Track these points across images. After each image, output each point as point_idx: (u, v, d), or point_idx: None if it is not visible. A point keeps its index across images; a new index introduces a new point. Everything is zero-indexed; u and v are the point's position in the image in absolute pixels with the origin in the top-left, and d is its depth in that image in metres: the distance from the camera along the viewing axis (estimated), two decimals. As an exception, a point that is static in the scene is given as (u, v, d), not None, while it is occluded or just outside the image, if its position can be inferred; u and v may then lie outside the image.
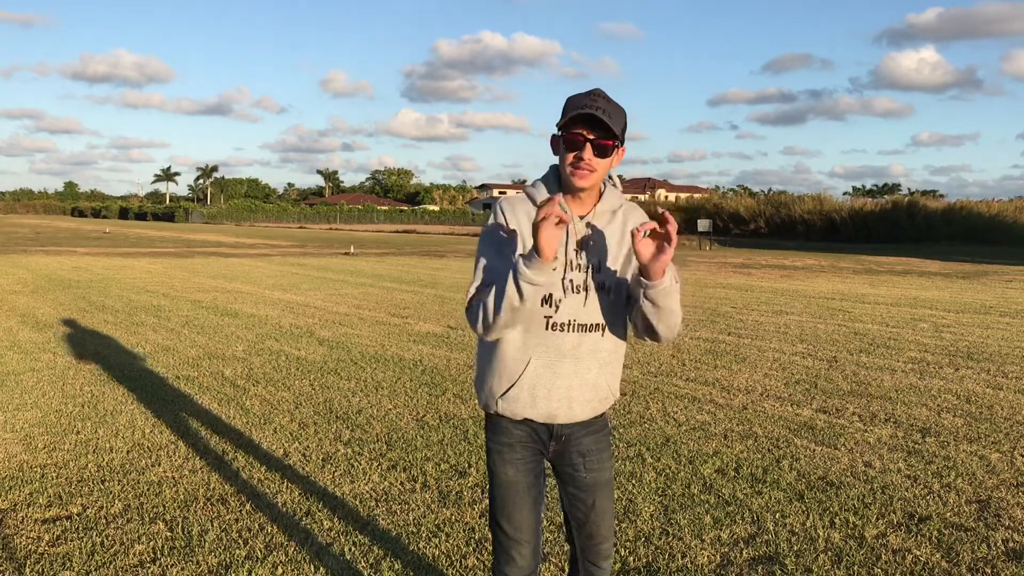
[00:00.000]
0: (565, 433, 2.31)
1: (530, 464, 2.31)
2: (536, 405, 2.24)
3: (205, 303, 11.92)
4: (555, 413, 2.26)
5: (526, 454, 2.31)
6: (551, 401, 2.24)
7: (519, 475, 2.30)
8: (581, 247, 2.22)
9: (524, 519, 2.30)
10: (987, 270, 21.51)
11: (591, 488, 2.35)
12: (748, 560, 3.47)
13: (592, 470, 2.34)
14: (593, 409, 2.31)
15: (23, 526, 3.72)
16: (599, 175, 2.17)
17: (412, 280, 16.51)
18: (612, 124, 2.11)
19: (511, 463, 2.30)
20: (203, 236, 41.71)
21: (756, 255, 28.17)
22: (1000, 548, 3.63)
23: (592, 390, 2.28)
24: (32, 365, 7.25)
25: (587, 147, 2.13)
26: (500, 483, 2.31)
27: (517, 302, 2.08)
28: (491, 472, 2.34)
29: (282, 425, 5.44)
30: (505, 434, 2.30)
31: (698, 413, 5.85)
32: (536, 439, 2.31)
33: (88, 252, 24.66)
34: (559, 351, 2.22)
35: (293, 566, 3.35)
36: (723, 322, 10.50)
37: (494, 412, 2.29)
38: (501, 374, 2.25)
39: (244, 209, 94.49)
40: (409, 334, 9.24)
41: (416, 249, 30.26)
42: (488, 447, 2.34)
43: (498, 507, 2.32)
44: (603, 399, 2.32)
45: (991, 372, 7.44)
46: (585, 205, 2.24)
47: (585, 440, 2.33)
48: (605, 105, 2.12)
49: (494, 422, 2.33)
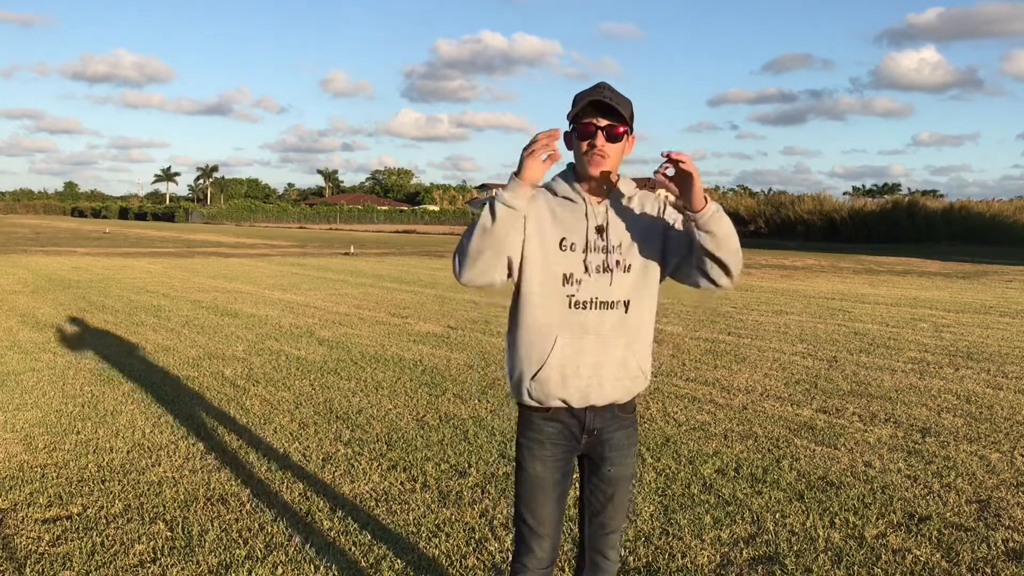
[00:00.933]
0: (597, 427, 2.34)
1: (559, 461, 2.34)
2: (567, 384, 2.27)
3: (205, 303, 11.92)
4: (587, 392, 2.28)
5: (556, 451, 2.33)
6: (581, 379, 2.27)
7: (547, 471, 2.33)
8: (600, 231, 2.28)
9: (547, 514, 2.34)
10: (987, 270, 21.51)
11: (613, 481, 2.39)
12: (748, 560, 3.47)
13: (617, 464, 2.38)
14: (625, 388, 2.33)
15: (23, 526, 3.72)
16: (613, 161, 2.25)
17: (412, 280, 16.51)
18: (621, 110, 2.19)
19: (540, 459, 2.33)
20: (203, 236, 41.71)
21: (756, 255, 28.16)
22: (1000, 548, 3.63)
23: (621, 367, 2.30)
24: (32, 365, 7.25)
25: (599, 134, 2.21)
26: (527, 478, 2.34)
27: (489, 223, 2.15)
28: (519, 466, 2.37)
29: (282, 425, 5.44)
30: (536, 430, 2.33)
31: (698, 413, 5.85)
32: (568, 435, 2.33)
33: (88, 252, 24.66)
34: (583, 328, 2.25)
35: (293, 566, 3.35)
36: (723, 322, 10.50)
37: (527, 402, 2.32)
38: (530, 357, 2.28)
39: (244, 209, 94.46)
40: (409, 334, 9.24)
41: (416, 249, 30.26)
42: (518, 441, 2.37)
43: (523, 501, 2.35)
44: (634, 378, 2.34)
45: (991, 372, 7.44)
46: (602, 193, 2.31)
47: (617, 435, 2.37)
48: (611, 94, 2.21)
49: (527, 417, 2.35)
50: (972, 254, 29.19)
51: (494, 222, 2.15)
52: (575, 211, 2.28)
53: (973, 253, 29.86)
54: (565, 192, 2.30)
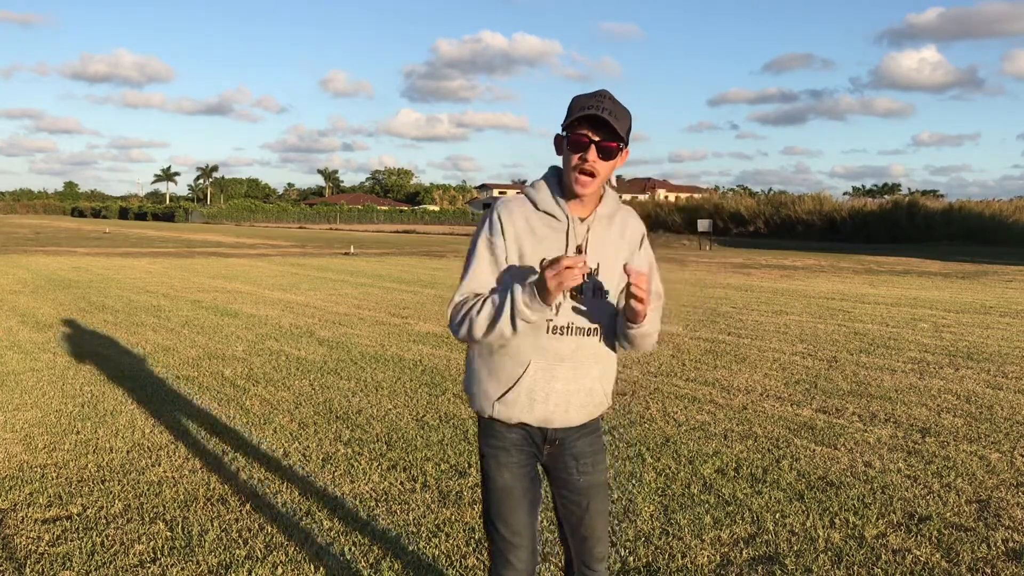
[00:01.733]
0: (559, 437, 2.30)
1: (525, 468, 2.29)
2: (533, 409, 2.22)
3: (205, 303, 11.92)
4: (551, 417, 2.24)
5: (521, 458, 2.28)
6: (548, 405, 2.22)
7: (515, 479, 2.27)
8: (581, 251, 2.21)
9: (521, 522, 2.27)
10: (987, 270, 21.51)
11: (585, 491, 2.33)
12: (748, 560, 3.47)
13: (585, 473, 2.33)
14: (588, 414, 2.30)
15: (23, 526, 3.72)
16: (600, 180, 2.16)
17: (412, 280, 16.51)
18: (617, 126, 2.10)
19: (506, 467, 2.27)
20: (203, 236, 41.70)
21: (756, 255, 28.16)
22: (1000, 548, 3.63)
23: (588, 395, 2.27)
24: (32, 365, 7.25)
25: (591, 148, 2.12)
26: (495, 488, 2.28)
27: (509, 333, 2.11)
28: (485, 476, 2.31)
29: (282, 425, 5.44)
30: (499, 438, 2.28)
31: (698, 413, 5.85)
32: (530, 442, 2.29)
33: (88, 252, 24.66)
34: (558, 355, 2.20)
35: (293, 566, 3.35)
36: (723, 322, 10.50)
37: (488, 416, 2.27)
38: (499, 377, 2.23)
39: (244, 209, 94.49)
40: (409, 334, 9.24)
41: (416, 249, 30.26)
42: (482, 451, 2.32)
43: (494, 511, 2.28)
44: (598, 404, 2.32)
45: (991, 372, 7.44)
46: (586, 208, 2.23)
47: (579, 443, 2.32)
48: (611, 106, 2.11)
49: (487, 425, 2.30)
50: (972, 254, 29.18)
51: (514, 333, 2.11)
52: (557, 229, 2.20)
53: (973, 253, 29.85)
54: (547, 206, 2.20)
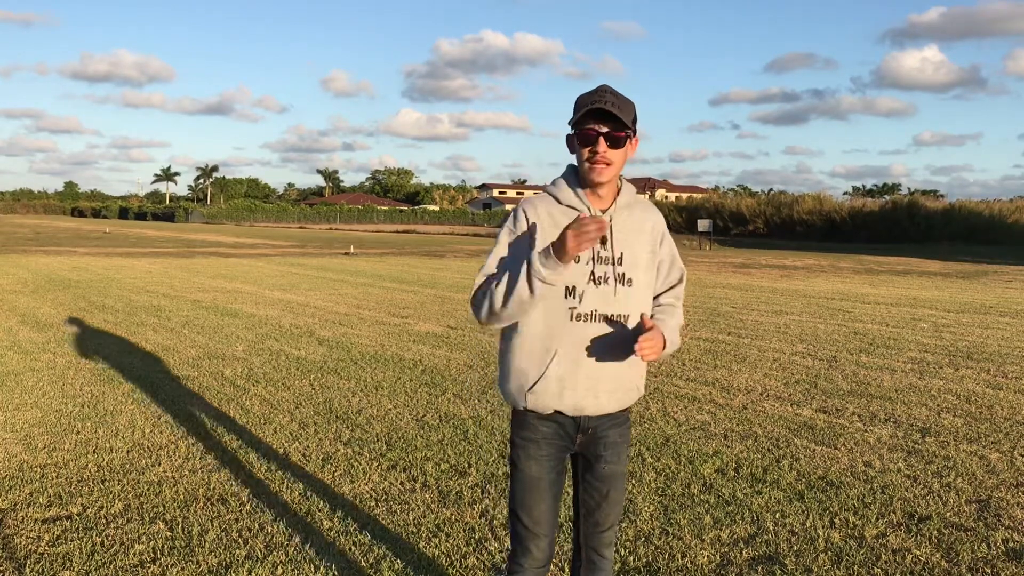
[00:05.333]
0: (592, 426, 2.35)
1: (554, 461, 2.35)
2: (563, 397, 2.28)
3: (205, 303, 11.92)
4: (582, 404, 2.29)
5: (551, 450, 2.34)
6: (577, 392, 2.27)
7: (542, 471, 2.33)
8: (604, 243, 2.27)
9: (543, 513, 2.34)
10: (987, 270, 21.51)
11: (608, 479, 2.40)
12: (748, 560, 3.47)
13: (612, 462, 2.39)
14: (619, 401, 2.35)
15: (23, 526, 3.72)
16: (616, 168, 2.24)
17: (412, 280, 16.51)
18: (622, 116, 2.17)
19: (535, 459, 2.33)
20: (203, 236, 41.70)
21: (756, 255, 28.16)
22: (1000, 548, 3.63)
23: (616, 380, 2.31)
24: (32, 365, 7.25)
25: (600, 140, 2.19)
26: (522, 478, 2.34)
27: (527, 296, 2.14)
28: (514, 466, 2.37)
29: (282, 425, 5.44)
30: (531, 430, 2.33)
31: (698, 413, 5.85)
32: (563, 434, 2.34)
33: (88, 252, 24.66)
34: (583, 341, 2.25)
35: (293, 566, 3.35)
36: (723, 322, 10.50)
37: (523, 408, 2.32)
38: (528, 368, 2.28)
39: (244, 209, 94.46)
40: (409, 334, 9.24)
41: (416, 249, 30.26)
42: (513, 441, 2.37)
43: (518, 501, 2.35)
44: (628, 391, 2.36)
45: (991, 372, 7.44)
46: (605, 200, 2.31)
47: (611, 433, 2.38)
48: (613, 98, 2.19)
49: (521, 418, 2.36)
50: (972, 254, 29.18)
51: (531, 296, 2.14)
52: None
53: (973, 253, 29.86)
54: (569, 200, 2.29)
